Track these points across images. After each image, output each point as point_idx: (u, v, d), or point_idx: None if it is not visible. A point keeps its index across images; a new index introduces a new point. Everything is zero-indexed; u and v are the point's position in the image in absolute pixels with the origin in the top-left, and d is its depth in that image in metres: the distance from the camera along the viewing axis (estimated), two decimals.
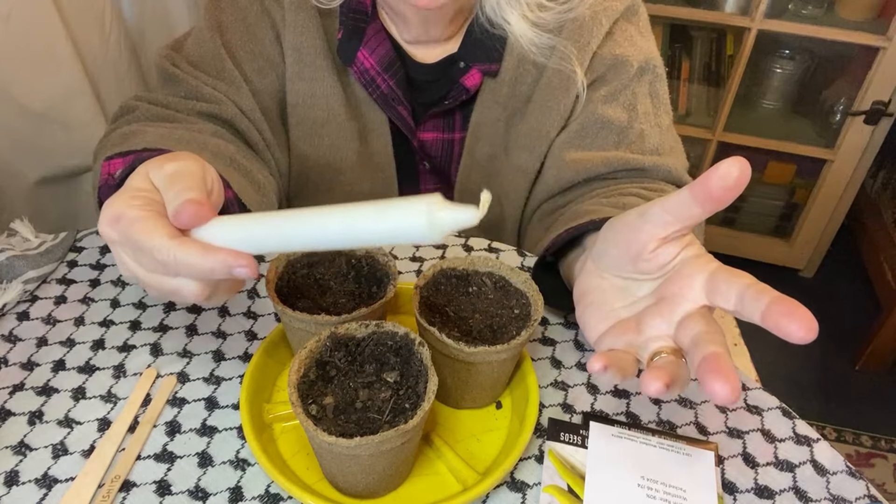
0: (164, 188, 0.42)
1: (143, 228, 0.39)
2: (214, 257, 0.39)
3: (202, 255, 0.39)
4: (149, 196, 0.42)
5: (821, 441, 0.53)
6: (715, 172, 0.36)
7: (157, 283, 0.41)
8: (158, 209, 0.41)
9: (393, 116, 0.71)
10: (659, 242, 0.40)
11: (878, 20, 1.61)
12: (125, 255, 0.41)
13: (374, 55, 0.68)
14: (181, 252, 0.38)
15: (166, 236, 0.39)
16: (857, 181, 1.78)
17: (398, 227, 0.37)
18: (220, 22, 0.68)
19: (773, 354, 1.74)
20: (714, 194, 0.37)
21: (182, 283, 0.40)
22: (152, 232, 0.39)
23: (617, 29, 0.68)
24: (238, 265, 0.39)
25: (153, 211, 0.40)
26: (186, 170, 0.43)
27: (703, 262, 0.39)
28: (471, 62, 0.68)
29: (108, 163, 0.56)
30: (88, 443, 0.48)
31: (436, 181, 0.78)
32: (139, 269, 0.41)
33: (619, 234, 0.43)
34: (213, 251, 0.39)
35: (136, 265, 0.41)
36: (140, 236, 0.39)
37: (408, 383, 0.44)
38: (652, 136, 0.68)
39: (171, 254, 0.38)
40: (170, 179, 0.42)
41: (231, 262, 0.39)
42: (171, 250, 0.38)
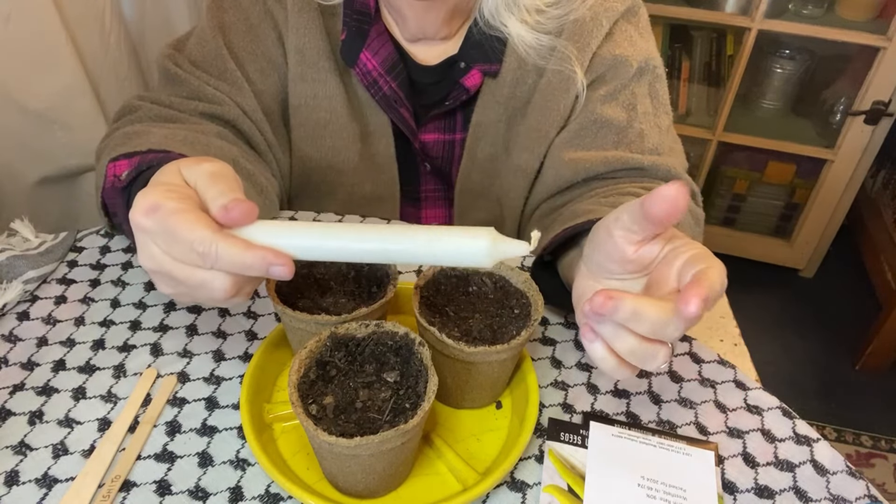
0: (204, 186, 0.42)
1: (185, 220, 0.39)
2: (255, 252, 0.39)
3: (244, 249, 0.39)
4: (183, 191, 0.42)
5: (821, 441, 0.53)
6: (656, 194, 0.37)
7: (186, 275, 0.41)
8: (195, 204, 0.41)
9: (395, 118, 0.71)
10: (638, 245, 0.41)
11: (878, 20, 1.61)
12: (155, 246, 0.41)
13: (377, 57, 0.68)
14: (224, 244, 0.39)
15: (209, 228, 0.39)
16: (857, 181, 1.78)
17: (459, 250, 0.40)
18: (222, 22, 0.68)
19: (773, 354, 1.75)
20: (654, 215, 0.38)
21: (212, 277, 0.40)
22: (195, 223, 0.39)
23: (617, 29, 0.68)
24: (278, 263, 0.40)
25: (192, 204, 0.41)
26: (225, 171, 0.44)
27: (684, 249, 0.40)
28: (471, 63, 0.68)
29: (114, 164, 0.56)
30: (88, 443, 0.48)
31: (436, 182, 0.78)
32: (167, 260, 0.41)
33: (601, 239, 0.43)
34: (255, 247, 0.40)
35: (164, 256, 0.41)
36: (181, 226, 0.39)
37: (408, 383, 0.44)
38: (651, 135, 0.68)
39: (213, 245, 0.39)
40: (211, 178, 0.42)
41: (271, 260, 0.39)
42: (214, 242, 0.39)
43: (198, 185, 0.43)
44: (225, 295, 0.41)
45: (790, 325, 1.82)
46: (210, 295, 0.41)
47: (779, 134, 1.79)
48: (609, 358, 0.40)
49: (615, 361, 0.40)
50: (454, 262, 0.42)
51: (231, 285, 0.41)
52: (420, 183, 0.78)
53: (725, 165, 1.93)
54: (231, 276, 0.40)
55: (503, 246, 0.40)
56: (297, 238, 0.42)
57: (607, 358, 0.40)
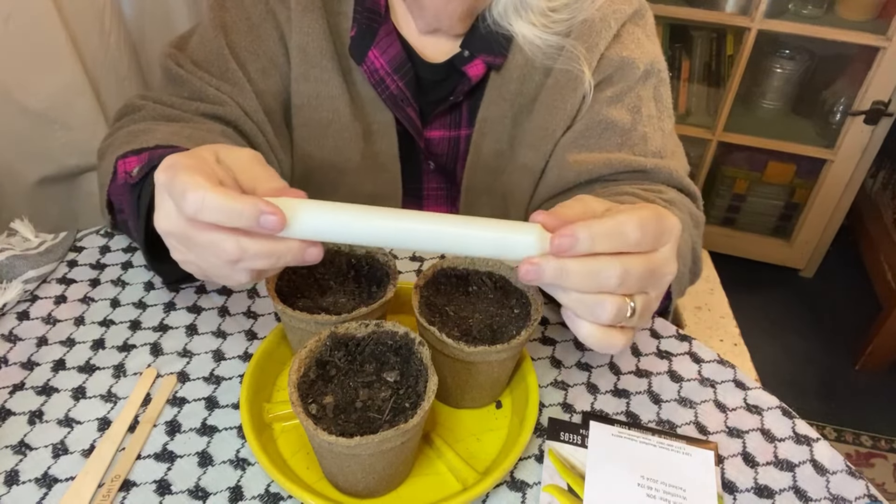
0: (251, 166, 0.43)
1: (188, 172, 0.39)
2: (245, 199, 0.39)
3: (234, 196, 0.39)
4: (208, 164, 0.42)
5: (821, 441, 0.53)
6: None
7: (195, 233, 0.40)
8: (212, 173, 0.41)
9: (401, 117, 0.71)
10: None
11: (878, 20, 1.61)
12: (170, 202, 0.41)
13: (385, 55, 0.68)
14: (213, 191, 0.38)
15: (203, 178, 0.39)
16: (857, 181, 1.78)
17: (510, 243, 0.41)
18: (224, 22, 0.68)
19: (773, 354, 1.75)
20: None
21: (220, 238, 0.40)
22: (195, 174, 0.39)
23: (624, 31, 0.68)
24: (268, 211, 0.39)
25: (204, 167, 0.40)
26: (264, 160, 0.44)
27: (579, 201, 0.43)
28: (475, 51, 0.68)
29: (124, 161, 0.56)
30: (88, 442, 0.48)
31: (439, 180, 0.78)
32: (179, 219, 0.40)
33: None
34: (245, 195, 0.39)
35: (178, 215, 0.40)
36: (180, 175, 0.39)
37: (408, 383, 0.44)
38: (654, 138, 0.68)
39: (201, 191, 0.38)
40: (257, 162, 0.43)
41: (262, 208, 0.39)
42: (203, 188, 0.38)
43: (235, 167, 0.43)
44: (230, 257, 0.40)
45: (790, 325, 1.82)
46: (218, 258, 0.41)
47: (779, 134, 1.79)
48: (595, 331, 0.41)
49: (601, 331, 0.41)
50: (501, 255, 0.42)
51: (236, 247, 0.40)
52: (422, 181, 0.78)
53: (725, 165, 1.93)
54: (235, 236, 0.40)
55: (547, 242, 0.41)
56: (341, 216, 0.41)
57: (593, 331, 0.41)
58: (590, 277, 0.39)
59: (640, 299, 0.41)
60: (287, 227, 0.40)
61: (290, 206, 0.40)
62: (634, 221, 0.39)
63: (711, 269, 1.17)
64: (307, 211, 0.41)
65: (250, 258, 0.41)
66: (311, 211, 0.41)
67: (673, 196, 0.64)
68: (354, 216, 0.41)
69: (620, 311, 0.40)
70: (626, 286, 0.39)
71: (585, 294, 0.40)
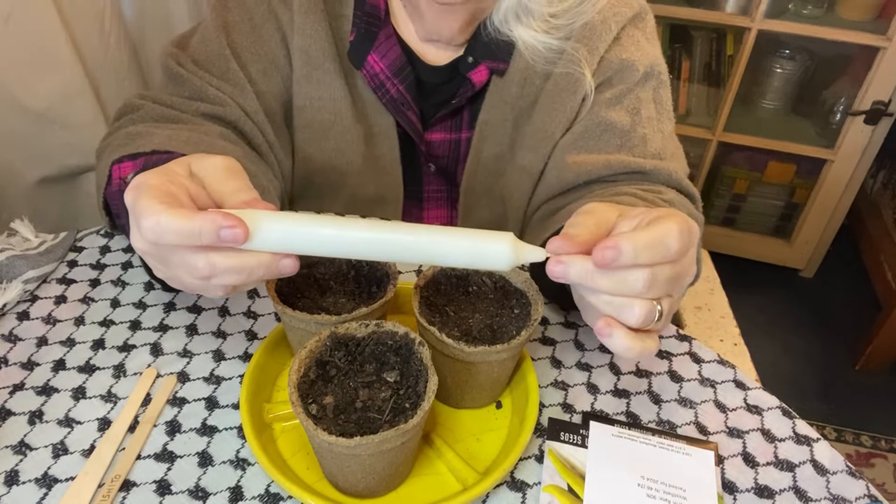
0: (219, 180, 0.42)
1: (146, 194, 0.39)
2: (202, 217, 0.38)
3: (189, 216, 0.38)
4: (178, 179, 0.42)
5: (821, 441, 0.53)
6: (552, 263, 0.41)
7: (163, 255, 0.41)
8: (180, 189, 0.41)
9: (402, 121, 0.71)
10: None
11: (878, 20, 1.61)
12: (134, 226, 0.41)
13: (385, 60, 0.68)
14: (167, 214, 0.38)
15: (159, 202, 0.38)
16: (857, 181, 1.78)
17: (482, 252, 0.41)
18: (226, 22, 0.68)
19: (773, 354, 1.75)
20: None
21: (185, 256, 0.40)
22: (151, 198, 0.39)
23: (625, 34, 0.69)
24: (227, 224, 0.38)
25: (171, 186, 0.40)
26: (237, 167, 0.44)
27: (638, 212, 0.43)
28: (479, 58, 0.68)
29: (119, 166, 0.56)
30: (88, 442, 0.48)
31: (440, 183, 0.78)
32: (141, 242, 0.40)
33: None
34: (201, 212, 0.38)
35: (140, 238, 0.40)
36: (140, 200, 0.39)
37: (408, 383, 0.44)
38: (654, 140, 0.69)
39: (155, 217, 0.38)
40: (227, 173, 0.42)
41: (220, 222, 0.38)
42: (157, 213, 0.38)
43: (211, 178, 0.43)
44: (201, 274, 0.40)
45: (790, 325, 1.82)
46: (190, 275, 0.41)
47: (779, 134, 1.79)
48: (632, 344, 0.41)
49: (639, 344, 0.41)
50: (474, 264, 0.42)
51: (206, 264, 0.40)
52: (423, 183, 0.78)
53: (725, 165, 1.93)
54: (203, 253, 0.40)
55: (523, 252, 0.41)
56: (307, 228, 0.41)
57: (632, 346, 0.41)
58: (617, 280, 0.39)
59: (666, 302, 0.41)
60: (251, 239, 0.39)
61: (254, 218, 0.40)
62: (675, 233, 0.39)
63: (711, 269, 1.17)
64: (271, 222, 0.40)
65: (221, 274, 0.40)
66: (275, 222, 0.40)
67: (672, 197, 0.64)
68: (322, 227, 0.41)
69: (650, 314, 0.40)
70: (653, 291, 0.39)
71: (615, 297, 0.40)
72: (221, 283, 0.41)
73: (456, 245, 0.41)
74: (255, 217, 0.40)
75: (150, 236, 0.39)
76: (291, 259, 0.42)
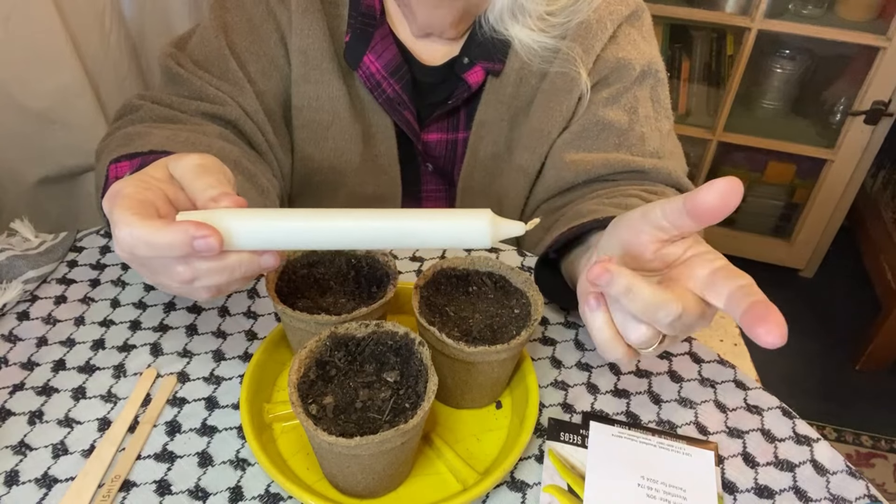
0: (190, 178, 0.42)
1: (120, 204, 0.39)
2: (173, 229, 0.38)
3: (159, 228, 0.38)
4: (156, 184, 0.42)
5: (821, 441, 0.53)
6: (707, 188, 0.36)
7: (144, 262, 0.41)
8: (157, 195, 0.41)
9: (398, 120, 0.71)
10: (660, 245, 0.41)
11: (878, 20, 1.61)
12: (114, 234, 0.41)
13: (381, 60, 0.68)
14: (138, 227, 0.38)
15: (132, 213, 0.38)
16: (857, 181, 1.77)
17: (462, 230, 0.40)
18: (225, 22, 0.68)
19: (773, 354, 1.73)
20: (702, 209, 0.37)
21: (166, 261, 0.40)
22: (125, 209, 0.39)
23: (621, 32, 0.69)
24: (200, 234, 0.38)
25: (147, 193, 0.40)
26: (212, 164, 0.43)
27: (710, 257, 0.40)
28: (474, 58, 0.68)
29: (116, 166, 0.56)
30: (88, 443, 0.48)
31: (438, 182, 0.78)
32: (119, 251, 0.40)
33: (623, 234, 0.43)
34: (175, 224, 0.38)
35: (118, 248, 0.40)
36: (114, 210, 0.39)
37: (408, 383, 0.44)
38: (652, 139, 0.68)
39: (128, 229, 0.38)
40: (198, 170, 0.42)
41: (192, 233, 0.38)
42: (129, 225, 0.38)
43: (183, 178, 0.43)
44: (183, 278, 0.40)
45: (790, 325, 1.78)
46: (173, 280, 0.41)
47: (779, 134, 1.79)
48: (606, 329, 0.40)
49: (611, 333, 0.40)
50: (454, 243, 0.41)
51: (187, 268, 0.40)
52: (421, 183, 0.78)
53: (725, 165, 1.93)
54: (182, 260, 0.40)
55: (502, 226, 0.40)
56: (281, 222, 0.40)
57: (604, 328, 0.40)
58: (651, 309, 0.37)
59: (669, 339, 0.40)
60: (226, 242, 0.39)
61: (225, 219, 0.39)
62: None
63: None
64: (242, 222, 0.40)
65: (204, 276, 0.41)
66: (246, 221, 0.40)
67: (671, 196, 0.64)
68: (294, 220, 0.40)
69: (648, 341, 0.39)
70: (673, 329, 0.38)
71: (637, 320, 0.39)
72: (205, 284, 0.41)
73: (433, 226, 0.40)
74: (226, 218, 0.40)
75: (124, 248, 0.39)
76: (272, 255, 0.42)
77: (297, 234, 0.40)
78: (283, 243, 0.41)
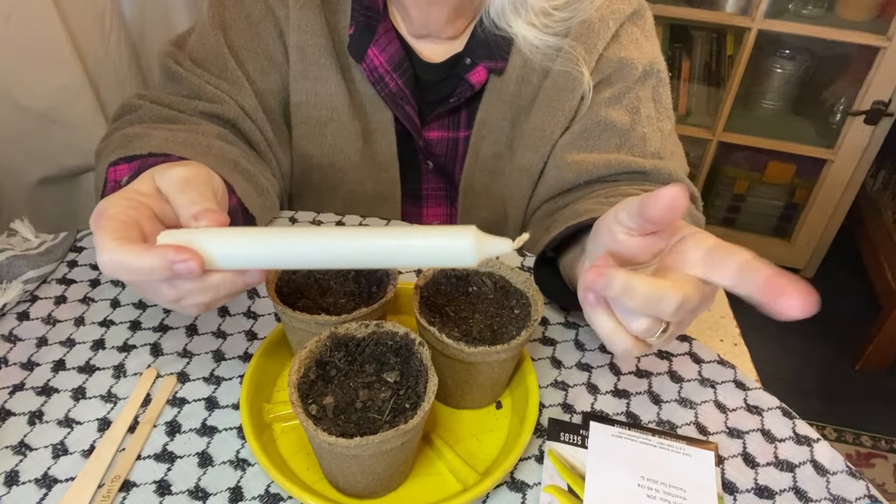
0: (174, 193, 0.42)
1: (103, 227, 0.39)
2: (152, 254, 0.38)
3: (139, 254, 0.38)
4: (142, 200, 0.42)
5: (821, 441, 0.53)
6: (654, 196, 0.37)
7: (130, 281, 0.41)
8: (142, 213, 0.41)
9: (400, 115, 0.71)
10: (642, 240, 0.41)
11: (878, 20, 1.61)
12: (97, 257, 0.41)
13: (384, 53, 0.68)
14: (120, 252, 0.38)
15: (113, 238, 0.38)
16: (857, 181, 1.78)
17: (444, 250, 0.38)
18: (223, 20, 0.68)
19: (773, 354, 1.74)
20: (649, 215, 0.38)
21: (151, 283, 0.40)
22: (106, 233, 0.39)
23: (623, 32, 0.68)
24: (179, 259, 0.38)
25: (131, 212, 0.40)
26: (198, 177, 0.43)
27: (700, 238, 0.40)
28: (477, 59, 0.68)
29: (114, 168, 0.56)
30: (88, 443, 0.48)
31: (438, 180, 0.78)
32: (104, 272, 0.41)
33: (602, 237, 0.43)
34: (153, 249, 0.38)
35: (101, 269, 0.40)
36: (97, 233, 0.39)
37: (408, 383, 0.44)
38: (654, 139, 0.68)
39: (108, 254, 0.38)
40: (183, 184, 0.42)
41: (171, 257, 0.38)
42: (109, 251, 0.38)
43: (168, 193, 0.43)
44: (169, 298, 0.40)
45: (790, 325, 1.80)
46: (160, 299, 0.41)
47: (779, 134, 1.79)
48: (608, 321, 0.40)
49: (614, 325, 0.40)
50: (438, 262, 0.40)
51: (171, 289, 0.40)
52: (422, 181, 0.78)
53: (725, 165, 1.93)
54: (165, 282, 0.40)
55: (487, 244, 0.39)
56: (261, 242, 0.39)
57: (607, 321, 0.40)
58: (651, 302, 0.37)
59: (674, 326, 0.40)
60: (207, 262, 0.39)
61: (203, 240, 0.39)
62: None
63: None
64: (222, 244, 0.39)
65: (188, 296, 0.41)
66: (226, 243, 0.39)
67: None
68: (275, 239, 0.40)
69: (651, 330, 0.39)
70: (678, 316, 0.38)
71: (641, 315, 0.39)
72: (191, 303, 0.42)
73: (416, 244, 0.39)
74: (206, 239, 0.39)
75: (107, 272, 0.39)
76: (255, 271, 0.42)
77: (277, 255, 0.40)
78: (264, 263, 0.40)
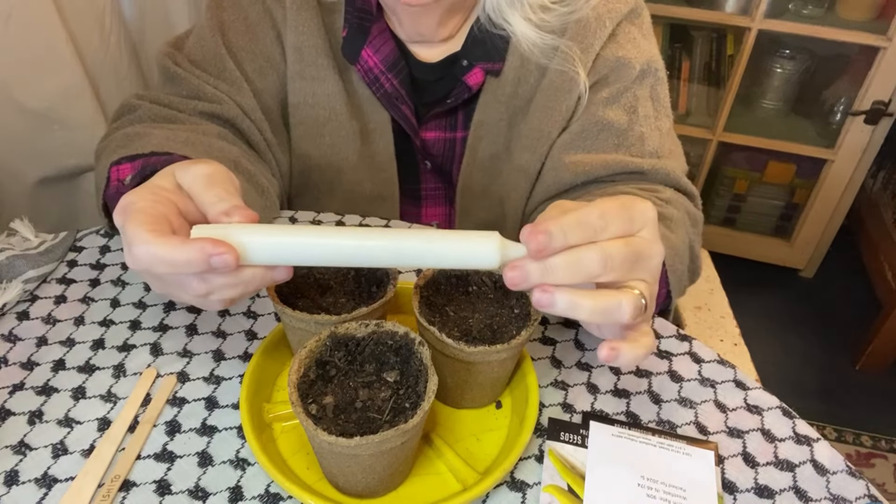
0: (199, 189, 0.42)
1: (135, 220, 0.39)
2: (191, 246, 0.38)
3: (177, 246, 0.38)
4: (166, 195, 0.42)
5: (821, 441, 0.53)
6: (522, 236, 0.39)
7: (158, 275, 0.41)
8: (168, 208, 0.41)
9: (396, 115, 0.71)
10: None
11: (878, 20, 1.61)
12: (126, 248, 0.41)
13: (379, 54, 0.68)
14: (156, 245, 0.38)
15: (148, 229, 0.39)
16: (857, 181, 1.78)
17: (472, 252, 0.41)
18: (221, 21, 0.68)
19: (773, 354, 1.75)
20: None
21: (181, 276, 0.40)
22: (138, 225, 0.39)
23: (620, 31, 0.68)
24: (217, 252, 0.38)
25: (159, 207, 0.40)
26: (221, 174, 0.43)
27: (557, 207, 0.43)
28: (473, 60, 0.68)
29: (117, 168, 0.56)
30: (88, 442, 0.48)
31: (437, 180, 0.78)
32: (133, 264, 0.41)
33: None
34: (191, 241, 0.39)
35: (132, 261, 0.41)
36: (128, 226, 0.39)
37: (408, 383, 0.44)
38: (651, 139, 0.68)
39: (144, 247, 0.38)
40: (206, 181, 0.42)
41: (210, 250, 0.38)
42: (146, 243, 0.38)
43: (192, 189, 0.43)
44: (198, 292, 0.41)
45: (790, 325, 1.82)
46: (187, 294, 0.41)
47: (779, 134, 1.79)
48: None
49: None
50: (463, 265, 0.42)
51: (202, 283, 0.40)
52: (420, 182, 0.78)
53: (725, 165, 1.93)
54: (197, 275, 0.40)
55: (509, 249, 0.41)
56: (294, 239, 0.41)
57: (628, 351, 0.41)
58: (574, 267, 0.38)
59: (643, 287, 0.41)
60: (241, 258, 0.40)
61: (238, 235, 0.40)
62: (596, 210, 0.39)
63: (711, 269, 1.17)
64: (258, 238, 0.40)
65: (218, 290, 0.41)
66: (261, 238, 0.40)
67: (670, 195, 0.64)
68: (309, 237, 0.41)
69: (636, 306, 0.39)
70: (612, 269, 0.39)
71: (598, 301, 0.39)
72: (219, 297, 0.42)
73: (444, 248, 0.41)
74: (240, 234, 0.40)
75: (141, 265, 0.39)
76: (284, 268, 0.42)
77: (308, 251, 0.41)
78: (295, 259, 0.42)
